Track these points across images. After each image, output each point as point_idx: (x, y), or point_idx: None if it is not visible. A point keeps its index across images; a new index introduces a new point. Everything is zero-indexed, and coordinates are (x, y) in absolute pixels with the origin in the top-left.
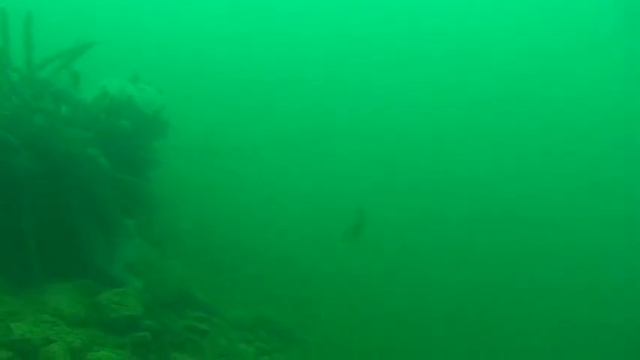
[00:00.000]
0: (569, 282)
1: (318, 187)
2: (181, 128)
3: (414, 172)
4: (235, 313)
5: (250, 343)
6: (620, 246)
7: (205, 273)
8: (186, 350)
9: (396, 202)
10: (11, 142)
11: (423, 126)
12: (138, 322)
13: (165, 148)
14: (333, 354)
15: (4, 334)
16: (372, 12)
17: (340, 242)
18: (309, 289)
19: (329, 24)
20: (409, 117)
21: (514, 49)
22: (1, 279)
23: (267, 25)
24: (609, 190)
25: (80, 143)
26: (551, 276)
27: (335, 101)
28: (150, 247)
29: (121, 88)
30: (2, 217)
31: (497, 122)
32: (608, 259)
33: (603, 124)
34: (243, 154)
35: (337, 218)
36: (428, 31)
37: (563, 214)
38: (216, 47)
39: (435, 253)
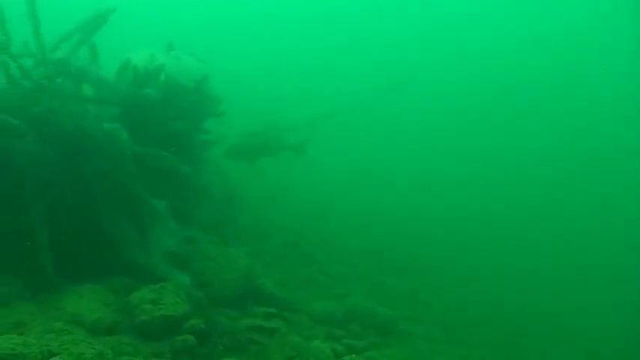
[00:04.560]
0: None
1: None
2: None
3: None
4: (323, 307)
5: (336, 340)
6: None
7: (295, 265)
8: (246, 354)
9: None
10: (11, 125)
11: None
12: (180, 323)
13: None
14: (441, 346)
15: None
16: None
17: None
18: (417, 279)
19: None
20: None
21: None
22: (16, 283)
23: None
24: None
25: (95, 119)
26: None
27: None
28: (200, 233)
29: (149, 58)
30: (7, 212)
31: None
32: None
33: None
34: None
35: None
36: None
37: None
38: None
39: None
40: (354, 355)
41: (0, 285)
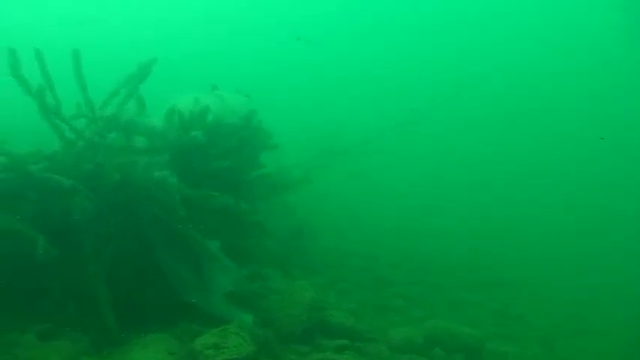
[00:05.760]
0: None
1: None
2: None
3: None
4: (401, 333)
5: None
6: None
7: (371, 291)
8: None
9: None
10: (65, 186)
11: None
12: None
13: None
14: None
15: None
16: None
17: None
18: (505, 293)
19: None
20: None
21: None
22: (84, 339)
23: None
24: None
25: (145, 168)
26: None
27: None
28: (263, 270)
29: (193, 101)
30: (70, 268)
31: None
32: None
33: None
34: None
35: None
36: None
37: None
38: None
39: None
40: None
41: (68, 342)
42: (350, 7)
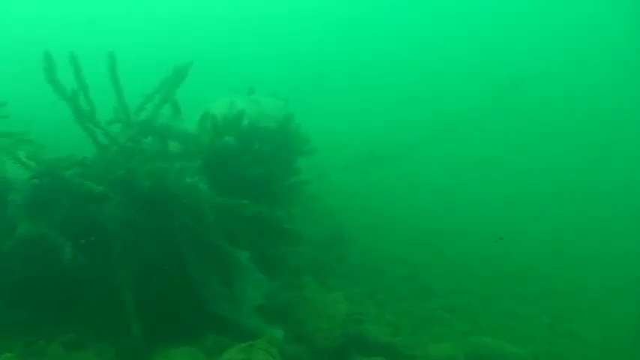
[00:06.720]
0: None
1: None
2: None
3: None
4: (442, 350)
5: None
6: None
7: (412, 302)
8: None
9: None
10: (96, 192)
11: None
12: None
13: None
14: None
15: None
16: None
17: None
18: (559, 304)
19: None
20: None
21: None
22: (110, 351)
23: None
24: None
25: (178, 174)
26: None
27: None
28: (297, 280)
29: (229, 105)
30: (98, 277)
31: None
32: None
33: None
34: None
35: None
36: None
37: None
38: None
39: None
40: None
41: (94, 353)
42: (388, 9)
